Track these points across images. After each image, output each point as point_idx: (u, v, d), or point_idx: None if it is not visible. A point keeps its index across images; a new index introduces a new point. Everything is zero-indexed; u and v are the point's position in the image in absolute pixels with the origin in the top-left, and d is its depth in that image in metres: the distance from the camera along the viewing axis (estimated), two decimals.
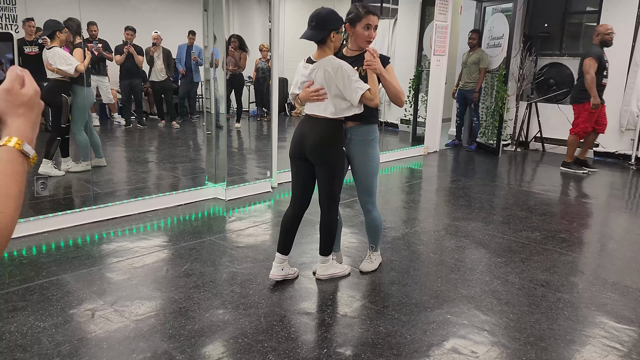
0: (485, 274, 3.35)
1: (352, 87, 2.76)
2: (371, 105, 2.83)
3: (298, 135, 2.96)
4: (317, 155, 2.89)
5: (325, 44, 2.82)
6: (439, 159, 7.28)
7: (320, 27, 2.78)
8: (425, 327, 2.66)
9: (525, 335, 2.61)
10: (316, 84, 2.84)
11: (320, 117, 2.87)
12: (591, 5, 7.47)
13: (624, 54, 7.00)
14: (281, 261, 3.10)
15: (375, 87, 2.79)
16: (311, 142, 2.87)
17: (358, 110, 2.85)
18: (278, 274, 3.10)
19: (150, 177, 5.77)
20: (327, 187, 2.97)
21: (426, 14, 7.66)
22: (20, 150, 0.82)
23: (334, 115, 2.84)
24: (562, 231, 4.30)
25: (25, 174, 0.83)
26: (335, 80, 2.77)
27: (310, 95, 2.84)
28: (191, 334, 2.53)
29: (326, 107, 2.84)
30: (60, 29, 4.82)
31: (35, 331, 2.51)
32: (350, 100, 2.79)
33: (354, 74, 2.78)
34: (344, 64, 2.78)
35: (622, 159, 7.17)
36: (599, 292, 3.14)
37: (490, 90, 7.72)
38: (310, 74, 2.86)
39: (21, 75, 0.86)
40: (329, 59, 2.81)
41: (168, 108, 8.46)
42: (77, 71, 4.79)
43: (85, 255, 3.46)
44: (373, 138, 3.04)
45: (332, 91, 2.81)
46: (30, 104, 0.86)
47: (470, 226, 4.30)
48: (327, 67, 2.79)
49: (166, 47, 8.12)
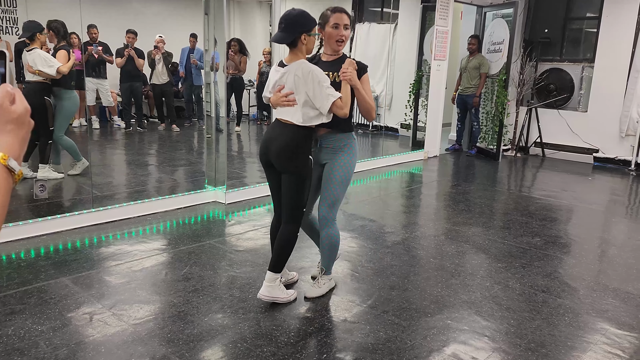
0: (486, 279, 3.34)
1: (322, 94, 2.61)
2: (340, 114, 2.66)
3: (265, 140, 2.81)
4: (281, 163, 2.73)
5: (297, 47, 2.69)
6: (439, 164, 7.28)
7: (291, 29, 2.65)
8: (426, 333, 2.65)
9: (526, 341, 2.59)
10: (286, 88, 2.71)
11: (289, 123, 2.72)
12: (591, 11, 7.49)
13: (624, 59, 7.01)
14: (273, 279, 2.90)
15: (347, 96, 2.65)
16: (276, 149, 2.72)
17: (326, 119, 2.68)
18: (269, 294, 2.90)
19: (149, 180, 5.76)
20: (290, 198, 2.77)
21: (427, 19, 7.68)
22: (5, 166, 0.82)
23: (302, 123, 2.68)
24: (563, 237, 4.29)
25: (9, 190, 0.83)
26: (305, 86, 2.63)
27: (280, 99, 2.70)
28: (190, 338, 2.52)
29: (294, 113, 2.70)
30: (41, 31, 4.71)
31: (33, 334, 2.49)
32: (319, 107, 2.63)
33: (325, 80, 2.63)
34: (315, 69, 2.64)
35: (622, 164, 7.17)
36: (600, 298, 3.13)
37: (490, 95, 7.73)
38: (282, 78, 2.73)
39: (12, 92, 0.87)
40: (299, 63, 2.68)
41: (168, 111, 8.46)
42: (58, 72, 4.66)
43: (84, 259, 3.45)
44: (345, 145, 2.84)
45: (301, 97, 2.66)
46: (19, 121, 0.87)
47: (470, 231, 4.29)
48: (297, 71, 2.65)
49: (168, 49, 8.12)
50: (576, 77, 7.59)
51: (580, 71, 7.56)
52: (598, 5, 7.25)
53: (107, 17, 7.77)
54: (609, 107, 7.18)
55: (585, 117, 7.46)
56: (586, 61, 7.50)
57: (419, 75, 7.83)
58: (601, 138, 7.33)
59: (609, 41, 7.12)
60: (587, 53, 7.53)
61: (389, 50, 8.50)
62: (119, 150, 7.40)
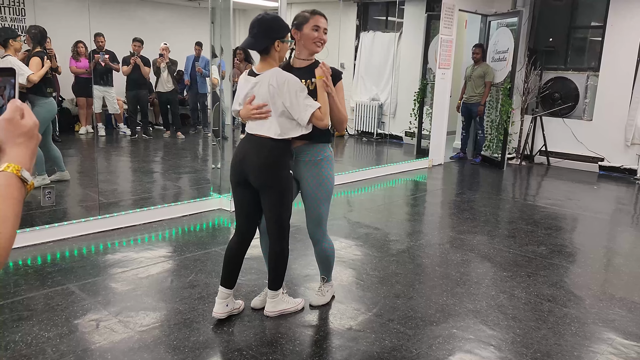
0: (491, 288, 3.33)
1: (300, 105, 2.44)
2: (320, 126, 2.50)
3: (238, 158, 2.61)
4: (261, 180, 2.55)
5: (269, 54, 2.51)
6: (443, 172, 7.28)
7: (263, 34, 2.47)
8: (431, 342, 2.64)
9: (532, 351, 2.59)
10: (258, 99, 2.51)
11: (264, 137, 2.52)
12: (596, 20, 7.50)
13: (628, 68, 7.01)
14: (225, 296, 2.75)
15: (325, 105, 2.49)
16: (254, 166, 2.54)
17: (306, 131, 2.52)
18: (222, 311, 2.74)
19: (155, 188, 5.78)
20: (275, 214, 2.61)
21: (431, 27, 7.71)
22: (19, 177, 0.87)
23: (279, 136, 2.50)
24: (568, 246, 4.28)
25: (22, 200, 0.87)
26: (281, 96, 2.45)
27: (252, 112, 2.51)
28: (196, 345, 2.52)
29: (270, 126, 2.51)
30: (14, 37, 4.67)
31: (40, 341, 2.50)
32: (298, 119, 2.47)
33: (302, 90, 2.46)
34: (291, 77, 2.47)
35: (627, 173, 7.15)
36: (606, 308, 3.12)
37: (495, 104, 7.74)
38: (253, 89, 2.53)
39: (21, 107, 0.91)
40: (273, 71, 2.49)
41: (173, 119, 8.51)
42: (29, 81, 4.57)
43: (90, 265, 3.46)
44: (323, 157, 2.68)
45: (277, 108, 2.48)
46: (29, 134, 0.91)
47: (475, 239, 4.28)
48: (271, 81, 2.46)
49: (173, 58, 8.18)
50: (581, 85, 7.59)
51: (585, 80, 7.56)
52: (603, 14, 7.27)
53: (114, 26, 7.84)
54: (614, 116, 7.18)
55: (590, 125, 7.46)
56: (591, 70, 7.50)
57: (423, 83, 7.85)
58: (606, 147, 7.32)
59: (614, 50, 7.13)
60: (592, 62, 7.54)
61: (393, 58, 8.54)
62: (125, 158, 7.44)
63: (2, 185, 0.84)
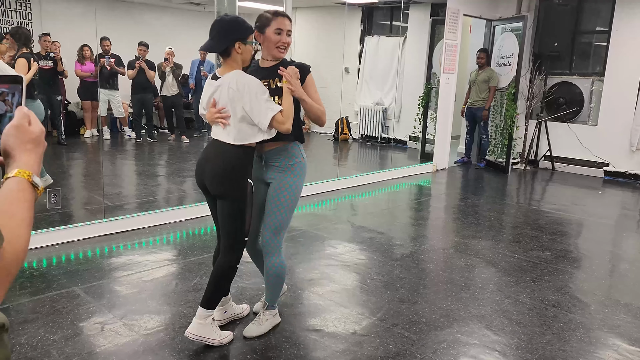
0: (496, 293, 3.33)
1: (261, 108, 2.35)
2: (282, 130, 2.39)
3: (199, 162, 2.54)
4: (215, 187, 2.46)
5: (230, 56, 2.41)
6: (447, 177, 7.27)
7: (222, 36, 2.38)
8: (436, 347, 2.64)
9: (537, 357, 2.58)
10: (220, 103, 2.43)
11: (224, 143, 2.44)
12: (601, 25, 7.50)
13: (634, 73, 7.00)
14: (222, 303, 2.71)
15: (289, 109, 2.39)
16: (209, 171, 2.46)
17: (267, 136, 2.41)
18: (219, 319, 2.71)
19: (159, 191, 5.80)
20: (227, 225, 2.49)
21: (436, 32, 7.72)
22: (30, 182, 0.89)
23: (237, 142, 2.41)
24: (573, 251, 4.27)
25: (33, 204, 0.90)
26: (241, 100, 2.36)
27: (215, 116, 2.42)
28: (200, 349, 2.53)
29: (229, 131, 2.41)
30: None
31: (46, 344, 2.51)
32: (258, 123, 2.37)
33: (263, 92, 2.38)
34: (251, 80, 2.38)
35: (632, 178, 7.13)
36: (611, 314, 3.10)
37: (499, 109, 7.73)
38: (215, 92, 2.45)
39: (27, 114, 0.93)
40: (234, 74, 2.40)
41: (178, 122, 8.53)
42: None
43: (96, 268, 3.48)
44: (295, 163, 2.56)
45: (237, 113, 2.38)
46: (37, 140, 0.93)
47: (479, 244, 4.27)
48: (231, 84, 2.37)
49: (179, 62, 8.22)
50: (586, 90, 7.57)
51: (590, 85, 7.54)
52: (608, 19, 7.26)
53: (120, 30, 7.89)
54: (619, 121, 7.16)
55: (595, 130, 7.44)
56: (596, 75, 7.49)
57: (427, 88, 7.86)
58: (611, 152, 7.30)
59: (619, 55, 7.12)
60: (597, 67, 7.53)
61: (398, 63, 8.55)
62: (130, 161, 7.47)
63: (16, 190, 0.86)
